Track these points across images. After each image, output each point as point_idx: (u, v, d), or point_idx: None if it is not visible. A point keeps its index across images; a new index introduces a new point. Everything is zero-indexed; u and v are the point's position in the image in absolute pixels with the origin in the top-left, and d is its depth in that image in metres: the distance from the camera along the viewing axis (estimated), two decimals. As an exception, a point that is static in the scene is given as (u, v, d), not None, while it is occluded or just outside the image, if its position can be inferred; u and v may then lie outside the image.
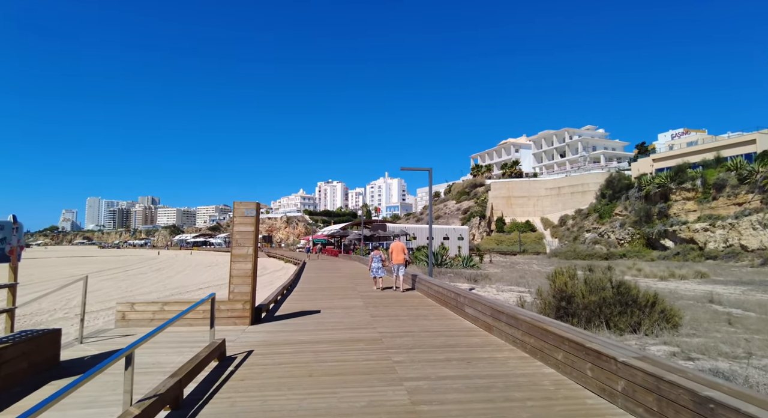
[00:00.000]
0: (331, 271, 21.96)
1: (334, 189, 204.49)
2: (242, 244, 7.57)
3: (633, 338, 8.76)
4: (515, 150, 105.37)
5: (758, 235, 38.99)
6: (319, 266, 24.98)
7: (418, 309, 9.14)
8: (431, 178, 13.89)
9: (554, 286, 10.37)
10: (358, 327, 7.12)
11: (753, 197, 40.74)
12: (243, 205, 7.64)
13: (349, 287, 13.91)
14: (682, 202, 47.96)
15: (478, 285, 18.65)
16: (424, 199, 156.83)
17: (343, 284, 14.76)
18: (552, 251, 63.69)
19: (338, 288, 13.50)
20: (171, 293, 18.24)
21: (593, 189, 74.38)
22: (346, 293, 12.31)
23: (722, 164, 46.02)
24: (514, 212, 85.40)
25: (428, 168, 13.94)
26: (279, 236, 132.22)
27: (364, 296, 11.43)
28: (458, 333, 6.69)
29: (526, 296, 15.41)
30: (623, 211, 58.19)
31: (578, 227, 69.17)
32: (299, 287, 13.92)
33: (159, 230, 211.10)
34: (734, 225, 41.07)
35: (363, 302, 10.20)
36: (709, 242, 43.33)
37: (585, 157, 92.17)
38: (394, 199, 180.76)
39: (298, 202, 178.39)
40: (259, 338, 6.46)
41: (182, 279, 24.61)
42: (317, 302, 10.46)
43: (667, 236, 48.99)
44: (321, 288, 13.62)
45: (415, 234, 41.19)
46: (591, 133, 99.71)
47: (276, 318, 8.16)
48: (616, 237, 56.64)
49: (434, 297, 10.36)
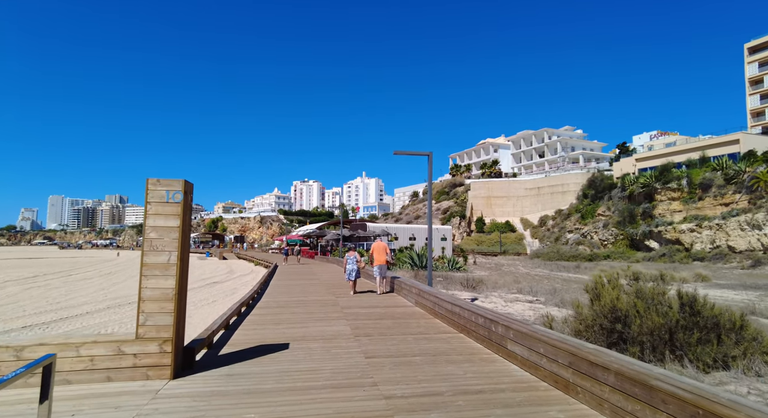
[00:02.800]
0: (306, 276, 19.05)
1: (310, 188, 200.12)
2: (159, 247, 4.69)
3: (729, 377, 6.31)
4: (494, 150, 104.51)
5: (746, 236, 38.14)
6: (293, 271, 22.01)
7: (430, 340, 6.44)
8: (431, 163, 11.25)
9: (600, 302, 7.86)
10: (349, 384, 4.35)
11: (740, 197, 39.95)
12: (162, 185, 4.77)
13: (329, 299, 11.10)
14: (668, 203, 47.06)
15: (476, 293, 16.13)
16: (401, 199, 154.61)
17: (321, 296, 11.93)
18: (533, 251, 62.34)
19: (315, 302, 10.66)
20: (109, 304, 15.03)
21: (573, 189, 73.69)
22: (326, 309, 9.50)
23: (707, 164, 45.31)
24: (494, 212, 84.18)
25: (428, 152, 11.31)
26: (252, 237, 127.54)
27: (349, 315, 8.65)
28: (519, 396, 4.02)
29: (543, 307, 12.99)
30: (606, 211, 57.23)
31: (559, 228, 68.13)
32: (265, 301, 11.00)
33: (126, 230, 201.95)
34: (721, 226, 40.18)
35: (349, 327, 7.42)
36: (696, 243, 42.40)
37: (564, 157, 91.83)
38: (372, 199, 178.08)
39: (272, 202, 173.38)
40: (177, 411, 3.66)
41: (132, 285, 21.17)
42: (286, 326, 7.62)
43: (652, 237, 48.03)
44: (292, 302, 10.75)
45: (396, 234, 38.58)
46: (569, 133, 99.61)
47: (219, 361, 5.31)
48: (599, 238, 55.59)
49: (446, 319, 7.69)
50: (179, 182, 4.78)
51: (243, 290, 18.42)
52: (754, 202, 38.50)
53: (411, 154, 11.23)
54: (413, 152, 11.23)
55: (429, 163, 11.31)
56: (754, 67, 69.94)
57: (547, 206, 78.07)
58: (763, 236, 36.79)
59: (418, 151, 11.28)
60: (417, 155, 11.36)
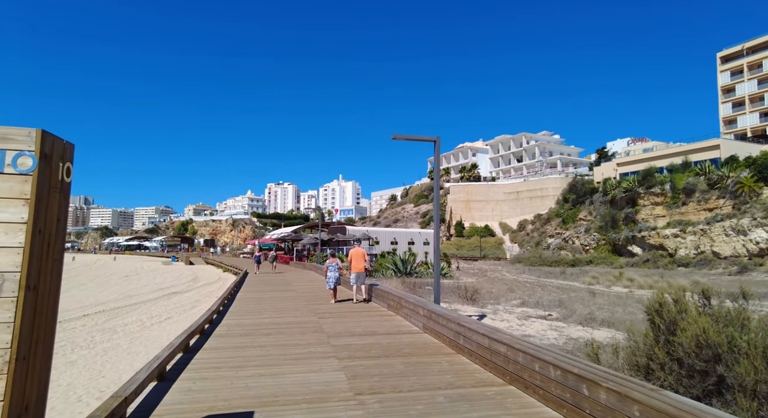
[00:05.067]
0: (280, 287, 16.55)
1: (285, 191, 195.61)
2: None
3: None
4: (472, 154, 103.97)
5: (731, 241, 37.70)
6: (265, 280, 19.43)
7: (471, 402, 4.22)
8: (438, 150, 9.09)
9: (685, 334, 5.83)
10: None
11: (725, 203, 39.60)
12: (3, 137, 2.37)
13: (310, 322, 8.74)
14: (651, 207, 46.57)
15: (478, 307, 14.05)
16: (379, 203, 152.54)
17: (300, 315, 9.55)
18: (514, 256, 61.34)
19: (292, 327, 8.29)
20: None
21: (552, 194, 73.38)
22: (307, 338, 7.15)
23: (690, 169, 45.06)
24: (473, 216, 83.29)
25: (434, 137, 9.15)
26: (224, 240, 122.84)
27: (339, 348, 6.34)
28: None
29: (563, 324, 10.99)
30: (588, 216, 56.64)
31: (539, 232, 67.44)
32: (226, 325, 8.55)
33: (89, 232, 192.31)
34: (706, 231, 39.72)
35: (344, 374, 5.13)
36: (680, 249, 41.86)
37: (542, 162, 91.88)
38: (349, 202, 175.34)
39: (245, 205, 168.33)
40: None
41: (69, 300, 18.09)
42: (250, 373, 5.27)
43: (635, 242, 47.44)
44: (262, 327, 8.35)
45: (378, 238, 36.34)
46: (547, 138, 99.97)
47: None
48: (581, 243, 54.85)
49: (478, 358, 5.50)
50: (28, 134, 2.41)
51: (206, 302, 15.79)
52: (739, 208, 38.15)
53: (414, 139, 9.04)
54: (417, 137, 9.04)
55: (436, 151, 9.15)
56: (726, 76, 71.35)
57: (526, 211, 77.64)
58: (748, 242, 36.37)
59: (422, 136, 9.11)
60: (420, 141, 9.18)
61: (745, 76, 68.10)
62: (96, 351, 8.73)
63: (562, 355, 4.21)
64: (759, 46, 67.29)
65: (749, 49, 68.61)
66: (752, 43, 68.06)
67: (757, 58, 67.02)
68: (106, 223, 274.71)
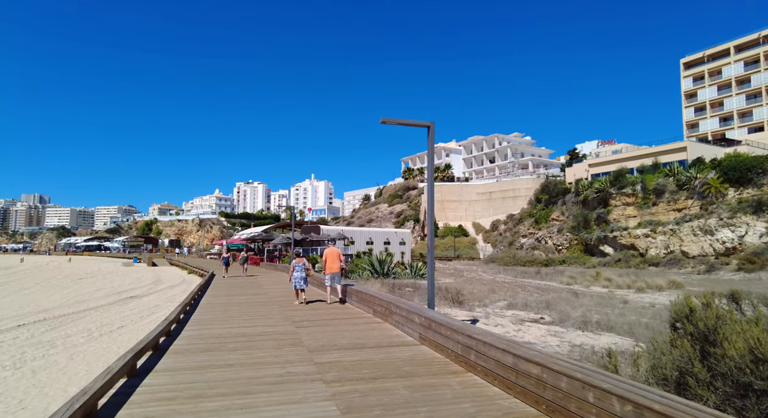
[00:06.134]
0: (251, 290, 15.17)
1: (254, 190, 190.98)
2: None
3: None
4: (446, 154, 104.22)
5: (699, 241, 38.58)
6: (233, 283, 17.94)
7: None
8: (432, 136, 8.09)
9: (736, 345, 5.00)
10: None
11: (693, 203, 40.54)
12: None
13: (287, 332, 7.53)
14: (622, 208, 47.32)
15: (467, 310, 13.17)
16: (351, 203, 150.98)
17: (274, 324, 8.32)
18: (488, 256, 61.40)
19: (265, 339, 7.07)
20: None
21: (524, 194, 74.11)
22: (285, 355, 5.97)
23: (660, 170, 46.02)
24: (447, 216, 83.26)
25: (428, 122, 8.15)
26: (190, 241, 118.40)
27: (326, 367, 5.22)
28: None
29: (561, 329, 10.20)
30: (560, 216, 57.21)
31: (512, 233, 67.82)
32: (187, 336, 7.24)
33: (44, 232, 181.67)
34: (675, 231, 40.56)
35: (336, 406, 4.03)
36: (651, 249, 42.62)
37: (514, 163, 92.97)
38: (321, 202, 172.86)
39: (213, 204, 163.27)
40: None
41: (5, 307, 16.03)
42: (214, 410, 4.08)
43: (607, 242, 48.10)
44: (230, 339, 7.09)
45: (353, 238, 35.16)
46: (519, 140, 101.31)
47: None
48: (553, 243, 55.33)
49: (495, 378, 4.51)
50: None
51: (166, 308, 14.23)
52: (706, 208, 39.10)
53: (405, 123, 8.00)
54: (409, 121, 8.00)
55: (429, 137, 8.14)
56: (689, 82, 73.95)
57: (499, 211, 78.11)
58: (715, 241, 37.27)
59: (413, 121, 8.08)
60: (411, 125, 8.15)
61: (706, 82, 70.80)
62: (22, 372, 7.22)
63: (627, 383, 3.25)
64: (719, 53, 70.10)
65: (710, 57, 71.39)
66: (713, 51, 70.83)
67: (717, 65, 69.78)
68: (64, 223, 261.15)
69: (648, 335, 9.59)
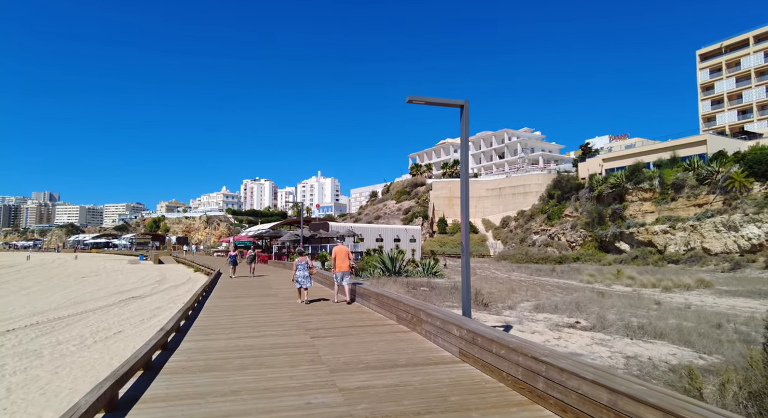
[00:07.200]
0: (258, 290, 14.18)
1: (261, 187, 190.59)
2: None
3: None
4: (454, 150, 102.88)
5: (722, 237, 37.09)
6: (240, 283, 16.98)
7: None
8: (467, 117, 7.00)
9: None
10: None
11: (715, 198, 39.02)
12: None
13: (302, 344, 6.50)
14: (639, 203, 45.84)
15: (492, 312, 12.09)
16: (358, 200, 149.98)
17: (285, 334, 7.30)
18: (499, 253, 60.17)
19: (277, 353, 6.04)
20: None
21: (535, 190, 72.58)
22: (302, 378, 4.93)
23: (678, 164, 44.45)
24: (456, 212, 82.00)
25: (462, 101, 7.05)
26: (197, 238, 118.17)
27: (355, 394, 4.19)
28: None
29: (606, 337, 9.07)
30: (573, 212, 55.78)
31: (523, 229, 66.43)
32: (186, 350, 6.24)
33: (53, 230, 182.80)
34: (696, 227, 39.07)
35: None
36: (670, 245, 41.17)
37: (524, 158, 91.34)
38: (328, 199, 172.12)
39: (220, 201, 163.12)
40: None
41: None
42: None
43: (623, 239, 46.68)
44: (236, 354, 6.07)
45: (362, 235, 34.13)
46: (528, 135, 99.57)
47: None
48: (567, 239, 53.98)
49: (578, 414, 3.42)
50: None
51: (168, 310, 13.30)
52: (729, 203, 37.59)
53: (435, 103, 6.91)
54: (439, 100, 6.92)
55: (463, 118, 7.06)
56: (705, 74, 71.92)
57: (509, 207, 76.70)
58: (740, 238, 35.79)
59: (445, 100, 6.99)
60: (442, 105, 7.07)
61: (724, 73, 68.73)
62: (-4, 391, 6.28)
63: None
64: (737, 44, 67.97)
65: (727, 48, 69.27)
66: (730, 42, 68.71)
67: (735, 57, 67.68)
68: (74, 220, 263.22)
69: (706, 344, 8.47)
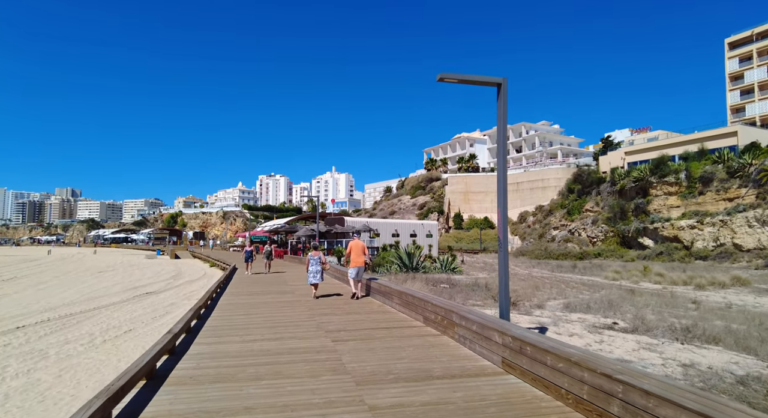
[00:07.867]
0: (274, 287, 13.66)
1: (276, 183, 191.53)
2: None
3: None
4: (470, 144, 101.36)
5: (755, 233, 35.41)
6: (255, 279, 16.53)
7: None
8: (505, 97, 6.26)
9: None
10: None
11: (747, 192, 37.29)
12: None
13: (324, 349, 5.87)
14: (664, 198, 44.20)
15: (522, 312, 11.34)
16: (372, 195, 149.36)
17: (306, 339, 6.70)
18: (517, 249, 58.90)
19: (296, 360, 5.42)
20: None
21: (554, 185, 70.88)
22: (324, 392, 4.28)
23: (706, 157, 42.65)
24: (472, 208, 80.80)
25: (499, 79, 6.31)
26: (214, 233, 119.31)
27: (384, 415, 3.55)
28: None
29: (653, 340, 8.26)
30: (594, 207, 54.21)
31: (542, 225, 64.99)
32: (193, 361, 5.67)
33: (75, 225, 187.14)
34: (726, 222, 37.40)
35: None
36: (697, 241, 39.55)
37: (542, 152, 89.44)
38: (342, 194, 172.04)
39: (236, 196, 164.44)
40: None
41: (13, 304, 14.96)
42: None
43: (646, 234, 45.11)
44: (250, 361, 5.48)
45: (378, 230, 33.51)
46: (546, 128, 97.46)
47: None
48: (587, 235, 52.49)
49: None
50: None
51: (183, 306, 12.90)
52: (764, 197, 35.86)
53: (469, 81, 6.18)
54: (473, 78, 6.18)
55: (500, 99, 6.32)
56: (734, 63, 69.10)
57: (527, 202, 75.22)
58: (774, 233, 34.11)
59: (480, 77, 6.26)
60: (476, 83, 6.33)
61: (755, 62, 65.85)
62: (-9, 397, 5.80)
63: None
64: (769, 31, 65.03)
65: (758, 35, 66.30)
66: (762, 29, 65.72)
67: (767, 44, 64.81)
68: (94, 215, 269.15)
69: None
